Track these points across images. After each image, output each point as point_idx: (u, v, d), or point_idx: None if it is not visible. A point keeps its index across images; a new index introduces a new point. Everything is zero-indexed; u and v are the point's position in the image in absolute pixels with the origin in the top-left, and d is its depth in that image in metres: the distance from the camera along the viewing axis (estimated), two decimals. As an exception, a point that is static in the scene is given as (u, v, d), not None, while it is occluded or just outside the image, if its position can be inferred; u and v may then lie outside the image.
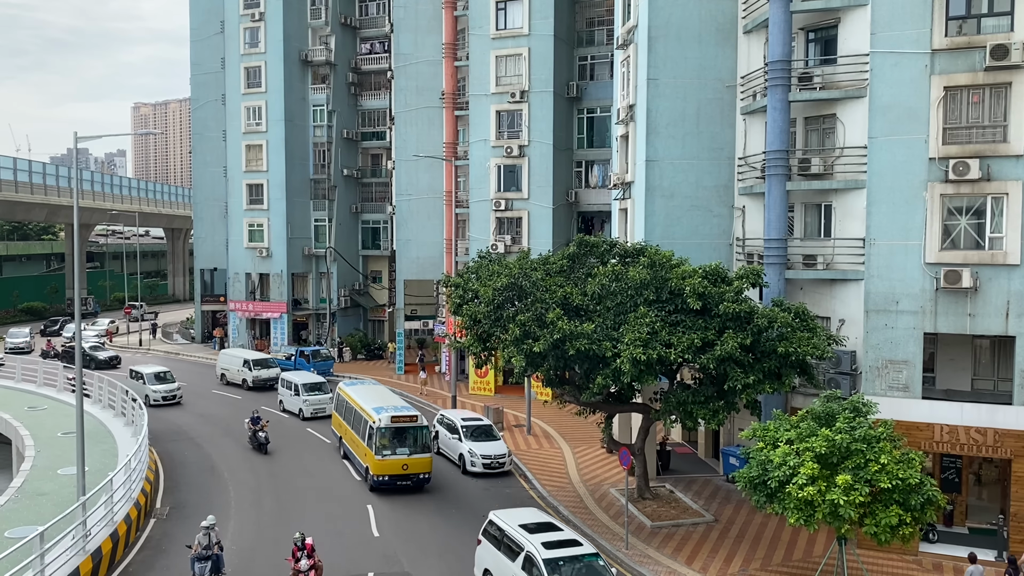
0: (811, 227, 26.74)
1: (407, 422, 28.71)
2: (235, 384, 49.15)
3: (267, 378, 48.23)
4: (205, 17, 63.99)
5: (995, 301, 21.85)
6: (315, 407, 40.58)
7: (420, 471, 28.57)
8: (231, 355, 50.91)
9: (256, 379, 48.34)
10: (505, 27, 44.79)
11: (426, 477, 28.74)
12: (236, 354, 50.85)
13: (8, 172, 74.82)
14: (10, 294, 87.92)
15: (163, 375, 44.21)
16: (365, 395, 31.86)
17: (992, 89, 21.91)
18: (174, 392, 43.40)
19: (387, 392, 33.74)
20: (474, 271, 27.86)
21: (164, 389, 43.05)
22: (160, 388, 43.04)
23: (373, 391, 32.92)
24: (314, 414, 40.47)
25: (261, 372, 48.59)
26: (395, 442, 28.37)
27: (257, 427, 33.74)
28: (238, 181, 59.41)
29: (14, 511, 24.15)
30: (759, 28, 28.13)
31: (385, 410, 29.20)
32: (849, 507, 17.89)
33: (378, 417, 28.56)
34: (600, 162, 45.85)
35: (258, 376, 48.40)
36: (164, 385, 43.38)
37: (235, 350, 53.48)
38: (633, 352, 21.65)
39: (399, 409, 29.56)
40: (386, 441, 28.25)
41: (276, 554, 23.00)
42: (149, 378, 43.35)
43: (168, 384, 43.64)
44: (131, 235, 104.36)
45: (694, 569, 22.10)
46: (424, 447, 28.77)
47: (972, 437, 22.11)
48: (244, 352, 52.01)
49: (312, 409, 40.54)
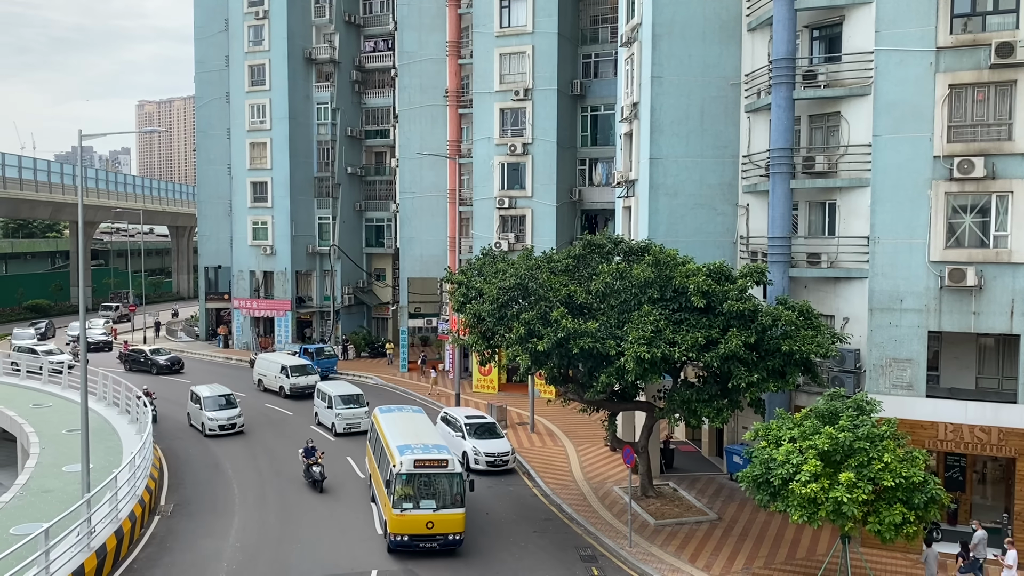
0: (815, 225, 26.70)
1: (435, 467, 23.01)
2: (272, 391, 45.69)
3: (305, 386, 44.12)
4: (209, 15, 64.04)
5: (1000, 299, 21.80)
6: (349, 422, 36.22)
7: (450, 531, 22.72)
8: (268, 360, 47.13)
9: (294, 387, 44.47)
10: (509, 25, 44.76)
11: (457, 539, 22.91)
12: (273, 359, 46.96)
13: (13, 170, 74.99)
14: (15, 292, 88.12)
15: (227, 399, 37.01)
16: (396, 426, 26.76)
17: (997, 87, 21.85)
18: (234, 420, 36.41)
19: (424, 424, 27.94)
20: (477, 268, 27.86)
21: (225, 417, 36.17)
22: (219, 416, 36.06)
23: (407, 421, 27.75)
24: (347, 430, 36.09)
25: (299, 379, 44.59)
26: (419, 493, 22.82)
27: (312, 459, 28.82)
28: (242, 179, 59.47)
29: (19, 508, 24.22)
30: (763, 26, 28.08)
31: (411, 450, 23.60)
32: (852, 505, 17.88)
33: (400, 459, 23.06)
34: (604, 160, 45.82)
35: (296, 384, 44.47)
36: (226, 412, 36.35)
37: (273, 354, 49.36)
38: (637, 350, 21.65)
39: (428, 450, 23.68)
40: (408, 491, 22.73)
41: (280, 550, 23.07)
42: (208, 402, 36.41)
43: (230, 410, 36.56)
44: (135, 233, 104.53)
45: (698, 567, 22.10)
46: (456, 500, 22.90)
47: (976, 436, 22.07)
48: (281, 357, 47.79)
49: (345, 424, 36.23)
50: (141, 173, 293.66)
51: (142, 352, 53.82)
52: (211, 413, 35.90)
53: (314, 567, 21.98)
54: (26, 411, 36.07)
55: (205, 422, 35.78)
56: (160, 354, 53.56)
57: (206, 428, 35.71)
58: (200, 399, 36.52)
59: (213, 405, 36.42)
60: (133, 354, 54.00)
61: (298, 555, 22.83)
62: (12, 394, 39.70)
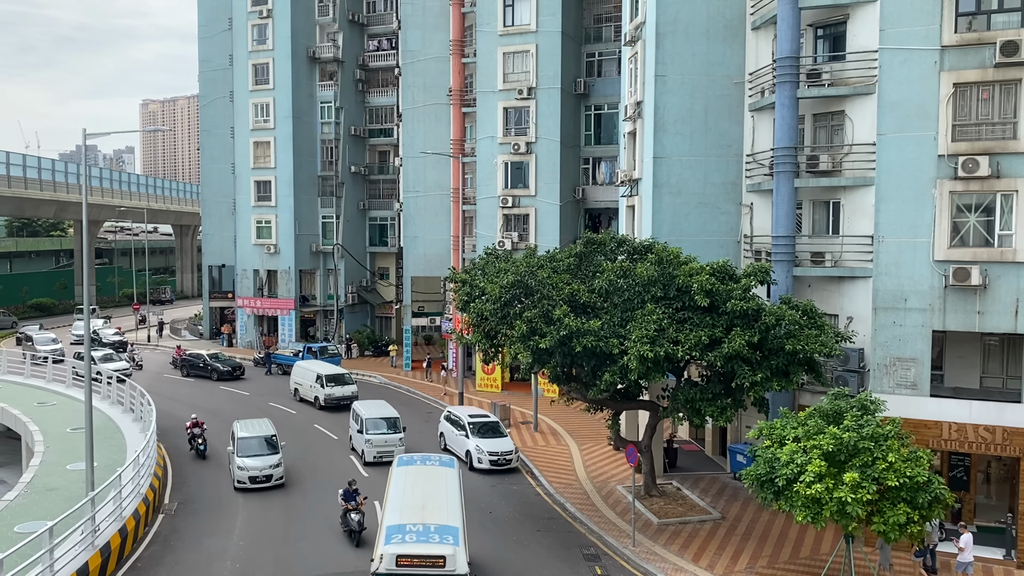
0: (819, 224, 26.66)
1: (427, 566, 17.34)
2: (308, 402, 42.07)
3: (341, 397, 40.63)
4: (213, 14, 64.16)
5: (1004, 299, 21.75)
6: (380, 450, 30.81)
7: None
8: (305, 368, 43.47)
9: (329, 398, 40.67)
10: (513, 23, 44.74)
11: None
12: (310, 367, 43.31)
13: (17, 168, 75.15)
14: (19, 290, 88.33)
15: (267, 442, 28.96)
16: (403, 489, 20.64)
17: (1002, 86, 21.78)
18: (269, 472, 28.24)
19: (443, 488, 20.97)
20: (480, 267, 27.87)
21: (258, 466, 28.09)
22: (254, 464, 28.07)
23: (423, 482, 21.23)
24: (379, 459, 30.47)
25: (334, 390, 40.88)
26: None
27: (352, 504, 23.87)
28: (246, 178, 59.56)
29: (23, 506, 24.28)
30: (767, 24, 28.04)
31: (401, 535, 17.94)
32: (856, 505, 17.85)
33: (381, 550, 17.59)
34: (607, 159, 45.80)
35: (331, 395, 40.74)
36: (260, 460, 28.22)
37: (309, 362, 45.46)
38: (640, 349, 21.63)
39: (425, 537, 17.88)
40: None
41: (285, 549, 23.09)
42: (243, 445, 28.53)
43: (268, 457, 28.48)
44: (139, 231, 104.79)
45: (701, 566, 22.08)
46: None
47: (980, 435, 22.02)
48: (318, 365, 44.00)
49: (376, 452, 30.82)
50: (145, 172, 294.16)
51: (200, 357, 50.97)
52: (244, 460, 28.19)
53: (318, 564, 21.99)
54: (30, 409, 36.16)
55: (235, 470, 28.39)
56: (219, 359, 50.66)
57: (235, 478, 28.32)
58: (234, 437, 29.22)
59: (248, 449, 28.57)
60: (191, 359, 51.22)
61: (302, 552, 22.85)
62: (17, 392, 39.80)
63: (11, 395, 38.93)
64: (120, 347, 59.50)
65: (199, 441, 31.99)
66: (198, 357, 51.05)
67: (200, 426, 32.47)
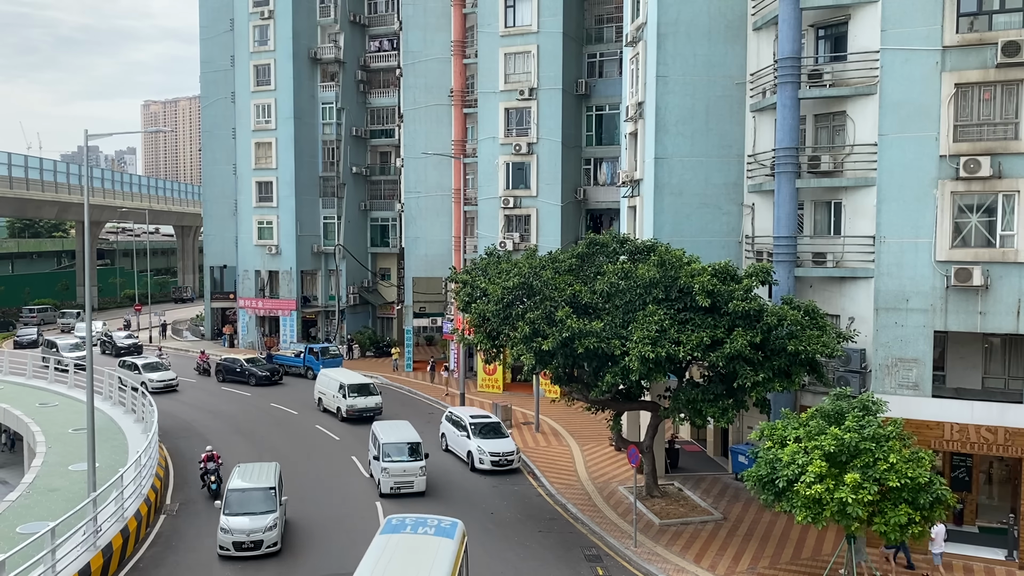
0: (821, 225, 26.65)
1: None
2: (331, 412, 39.70)
3: (363, 408, 37.99)
4: (215, 15, 64.23)
5: (1006, 299, 21.72)
6: (399, 480, 26.90)
7: None
8: (329, 376, 40.65)
9: (351, 409, 37.84)
10: (514, 24, 44.75)
11: None
12: (333, 375, 40.54)
13: (19, 169, 75.17)
14: (21, 291, 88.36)
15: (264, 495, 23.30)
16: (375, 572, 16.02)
17: (1003, 86, 21.76)
18: (260, 537, 22.40)
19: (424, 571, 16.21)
20: (481, 268, 27.86)
21: (246, 528, 22.34)
22: (241, 527, 22.34)
23: (400, 561, 16.53)
24: (396, 490, 26.81)
25: (356, 400, 38.05)
26: None
27: None
28: (247, 179, 59.60)
29: (26, 507, 24.30)
30: (769, 25, 28.03)
31: None
32: (858, 506, 17.83)
33: None
34: (609, 159, 45.79)
35: (353, 406, 37.92)
36: (250, 521, 22.48)
37: (334, 370, 42.49)
38: (642, 350, 21.63)
39: None
40: None
41: (286, 549, 23.08)
42: (234, 500, 23.04)
43: (261, 517, 22.61)
44: (141, 232, 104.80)
45: (703, 567, 22.07)
46: None
47: (982, 436, 22.00)
48: (341, 373, 41.23)
49: (393, 483, 26.81)
50: (147, 173, 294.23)
51: (237, 361, 49.02)
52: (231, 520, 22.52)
53: (320, 565, 21.99)
54: (32, 410, 36.18)
55: (220, 536, 22.62)
56: (256, 363, 48.99)
57: (217, 542, 22.66)
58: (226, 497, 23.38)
59: (237, 505, 22.88)
60: (228, 364, 49.26)
61: (305, 553, 22.83)
62: (18, 393, 39.82)
63: (13, 396, 38.96)
64: (135, 350, 58.07)
65: (212, 478, 27.12)
66: (235, 362, 49.12)
67: (216, 460, 27.66)
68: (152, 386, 43.21)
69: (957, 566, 22.17)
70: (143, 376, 43.76)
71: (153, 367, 46.19)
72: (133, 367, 45.69)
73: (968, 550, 22.67)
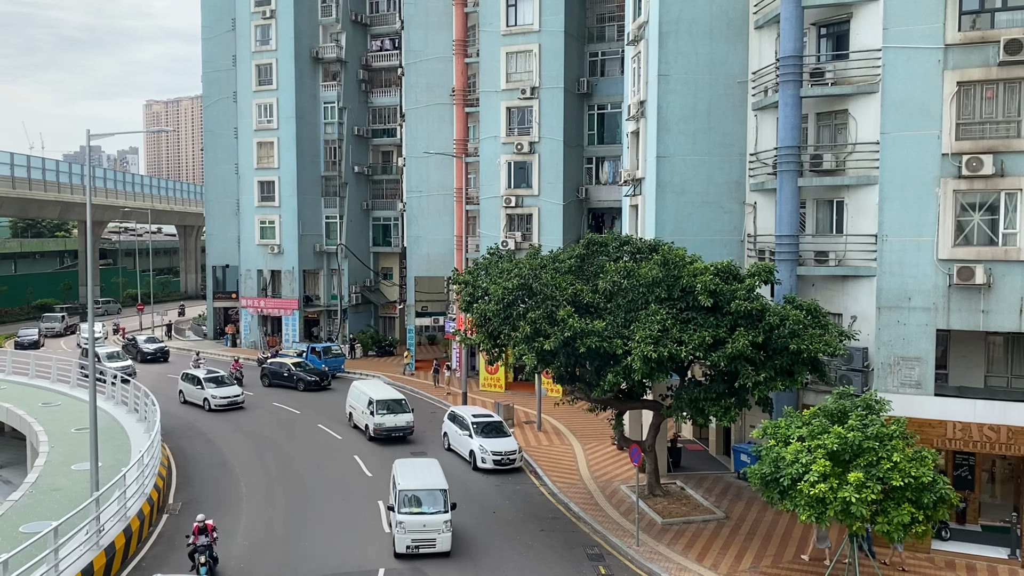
0: (823, 223, 26.62)
1: None
2: (360, 429, 36.15)
3: (393, 428, 34.14)
4: (217, 15, 64.24)
5: (1009, 297, 21.70)
6: (417, 538, 22.39)
7: None
8: (359, 390, 36.75)
9: (378, 428, 33.85)
10: (515, 23, 44.74)
11: None
12: (364, 389, 36.50)
13: (22, 169, 75.31)
14: (24, 291, 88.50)
15: None
16: None
17: (1006, 84, 21.73)
18: None
19: None
20: (483, 268, 27.85)
21: None
22: None
23: None
24: (413, 550, 22.35)
25: (385, 418, 34.05)
26: None
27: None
28: (250, 178, 59.64)
29: (28, 506, 24.34)
30: (770, 23, 28.00)
31: None
32: (861, 505, 17.82)
33: None
34: (611, 158, 45.77)
35: (381, 424, 33.88)
36: None
37: (364, 382, 38.29)
38: (644, 349, 21.62)
39: None
40: None
41: (287, 550, 23.12)
42: None
43: None
44: (143, 232, 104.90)
45: (705, 566, 22.07)
46: None
47: (985, 434, 21.97)
48: (372, 387, 36.89)
49: (410, 541, 22.35)
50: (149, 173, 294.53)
51: (284, 365, 46.82)
52: None
53: (321, 565, 22.02)
54: (35, 410, 36.24)
55: None
56: (303, 367, 46.96)
57: None
58: None
59: None
60: (275, 368, 46.86)
61: (306, 552, 22.85)
62: (22, 393, 39.88)
63: (16, 395, 39.02)
64: (161, 356, 56.53)
65: (202, 560, 20.93)
66: (282, 366, 46.86)
67: (209, 533, 21.31)
68: (215, 403, 39.84)
69: (960, 565, 22.15)
70: (205, 392, 40.35)
71: (216, 380, 41.69)
72: (195, 381, 41.66)
73: (971, 549, 22.65)
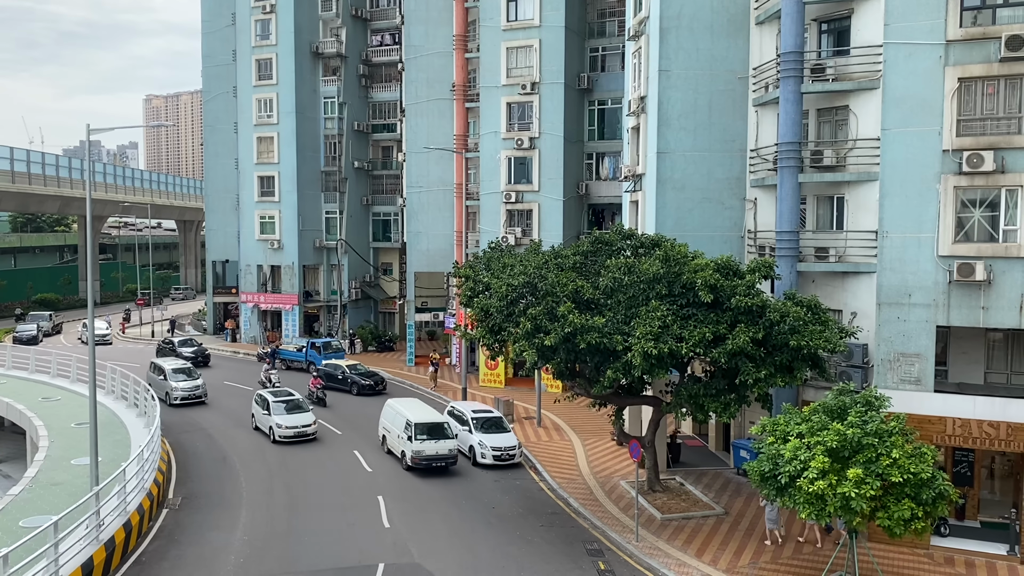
0: (823, 219, 26.60)
1: None
2: (395, 456, 31.38)
3: (434, 456, 29.48)
4: (216, 9, 64.17)
5: (1009, 294, 21.69)
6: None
7: None
8: (395, 410, 31.94)
9: (417, 457, 29.31)
10: (516, 18, 44.67)
11: None
12: (401, 409, 31.58)
13: (22, 164, 75.29)
14: (24, 285, 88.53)
15: None
16: None
17: (1007, 80, 21.70)
18: None
19: None
20: (484, 262, 27.83)
21: None
22: None
23: None
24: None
25: (426, 445, 29.43)
26: None
27: None
28: (250, 173, 59.62)
29: (28, 501, 24.34)
30: (771, 19, 27.95)
31: None
32: (860, 501, 17.84)
33: None
34: (611, 154, 45.71)
35: (420, 452, 29.32)
36: None
37: (400, 401, 33.14)
38: (644, 346, 21.61)
39: None
40: None
41: (287, 544, 23.14)
42: None
43: None
44: (143, 227, 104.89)
45: (704, 562, 22.10)
46: None
47: (985, 431, 21.99)
48: (410, 408, 31.67)
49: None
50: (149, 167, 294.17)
51: (339, 368, 44.56)
52: None
53: (322, 559, 22.04)
54: (35, 404, 36.24)
55: None
56: (358, 370, 44.15)
57: None
58: None
59: None
60: (328, 370, 44.83)
61: (306, 547, 22.88)
62: (21, 387, 39.88)
63: (16, 390, 39.03)
64: (203, 359, 51.80)
65: None
66: (336, 368, 44.64)
67: None
68: (279, 433, 33.37)
69: (959, 561, 22.18)
70: (272, 419, 33.88)
71: (292, 405, 34.69)
72: (264, 403, 35.08)
73: (970, 545, 22.68)
